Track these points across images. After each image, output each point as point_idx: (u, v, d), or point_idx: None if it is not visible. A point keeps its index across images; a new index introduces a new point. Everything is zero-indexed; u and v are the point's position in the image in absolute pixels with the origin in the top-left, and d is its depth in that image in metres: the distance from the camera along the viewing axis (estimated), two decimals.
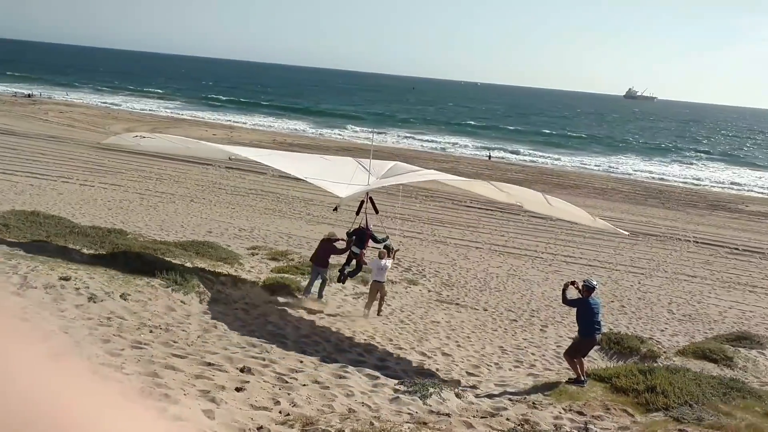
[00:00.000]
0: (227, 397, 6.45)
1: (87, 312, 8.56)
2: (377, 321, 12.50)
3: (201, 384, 6.69)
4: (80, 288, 9.26)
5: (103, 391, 0.42)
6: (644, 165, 60.13)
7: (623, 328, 14.73)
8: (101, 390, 0.41)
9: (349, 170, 12.51)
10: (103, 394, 0.42)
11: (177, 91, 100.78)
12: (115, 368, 6.44)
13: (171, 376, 6.69)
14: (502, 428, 7.13)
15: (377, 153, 49.20)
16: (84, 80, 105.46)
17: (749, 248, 26.63)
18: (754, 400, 8.88)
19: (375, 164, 12.99)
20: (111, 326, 8.20)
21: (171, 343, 8.06)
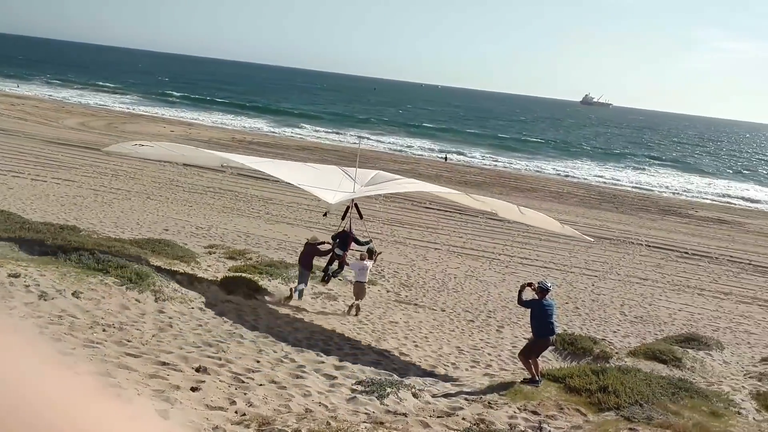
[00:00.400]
0: (182, 397, 6.37)
1: (37, 310, 8.34)
2: (336, 322, 12.49)
3: (156, 384, 6.59)
4: (30, 285, 9.02)
5: (55, 389, 0.41)
6: (599, 170, 61.36)
7: (577, 329, 15.02)
8: (54, 387, 0.40)
9: (336, 178, 13.31)
10: (55, 391, 0.41)
11: (132, 86, 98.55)
12: (66, 367, 6.29)
13: (124, 376, 6.57)
14: (458, 428, 7.19)
15: (337, 152, 49.09)
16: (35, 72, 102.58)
17: (698, 252, 27.42)
18: (701, 400, 9.15)
19: (359, 173, 13.77)
20: (62, 325, 8.00)
21: (125, 342, 7.91)
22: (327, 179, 13.11)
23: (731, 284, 22.66)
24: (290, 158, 41.61)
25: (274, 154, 42.32)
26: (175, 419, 5.72)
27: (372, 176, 14.15)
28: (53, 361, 6.10)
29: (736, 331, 16.91)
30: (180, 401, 6.19)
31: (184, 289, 11.46)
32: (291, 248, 19.87)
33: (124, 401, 5.71)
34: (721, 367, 12.58)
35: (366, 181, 13.70)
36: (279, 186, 30.79)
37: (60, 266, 10.37)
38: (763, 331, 17.23)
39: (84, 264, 10.72)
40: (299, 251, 13.91)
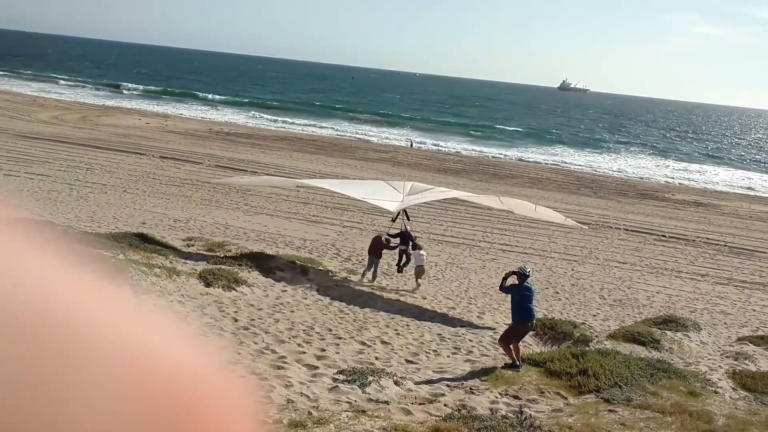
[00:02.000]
0: None
1: None
2: (317, 312, 12.48)
3: None
4: None
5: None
6: (577, 155, 61.79)
7: (557, 313, 15.13)
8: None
9: (387, 190, 16.72)
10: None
11: (103, 78, 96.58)
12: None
13: None
14: (439, 414, 7.22)
15: (314, 142, 48.87)
16: (5, 66, 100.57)
17: (675, 235, 27.75)
18: (679, 380, 9.28)
19: (399, 185, 17.33)
20: None
21: None
22: (382, 192, 16.50)
23: (708, 266, 22.97)
24: (269, 148, 41.42)
25: (253, 145, 42.06)
26: None
27: (410, 187, 17.18)
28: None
29: (713, 312, 17.15)
30: None
31: (162, 282, 11.36)
32: (270, 239, 19.78)
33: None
34: (699, 348, 12.76)
35: (407, 191, 16.80)
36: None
37: None
38: (738, 312, 17.50)
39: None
40: (280, 242, 14.20)
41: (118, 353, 0.30)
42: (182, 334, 0.34)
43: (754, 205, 40.14)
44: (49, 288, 0.30)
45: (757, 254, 25.71)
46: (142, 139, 38.83)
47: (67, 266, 0.33)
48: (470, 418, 6.87)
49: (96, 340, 0.30)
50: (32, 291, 0.29)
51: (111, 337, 0.30)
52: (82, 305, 0.30)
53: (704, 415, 7.66)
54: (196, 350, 0.33)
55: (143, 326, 0.32)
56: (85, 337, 0.29)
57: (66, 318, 0.29)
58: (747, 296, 19.43)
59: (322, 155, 41.68)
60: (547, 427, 6.83)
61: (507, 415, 7.36)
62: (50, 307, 0.29)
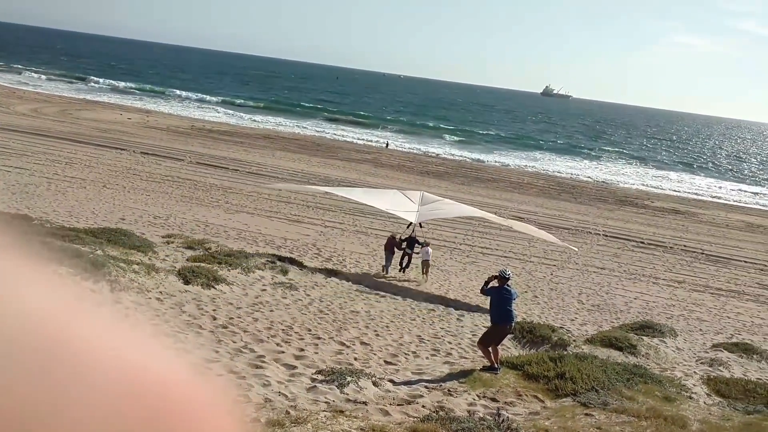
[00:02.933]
0: None
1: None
2: (296, 311, 12.43)
3: None
4: None
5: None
6: (558, 161, 62.25)
7: (536, 317, 15.22)
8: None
9: (404, 200, 19.12)
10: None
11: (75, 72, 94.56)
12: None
13: None
14: (417, 415, 7.23)
15: (297, 141, 48.72)
16: None
17: (653, 242, 28.06)
18: (655, 385, 9.38)
19: (412, 194, 19.67)
20: None
21: None
22: (400, 202, 18.98)
23: (684, 273, 23.25)
24: (252, 146, 41.23)
25: (235, 143, 41.84)
26: None
27: (421, 196, 19.33)
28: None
29: (689, 319, 17.36)
30: None
31: (140, 278, 11.25)
32: (251, 238, 19.69)
33: None
34: (675, 354, 12.90)
35: (419, 200, 18.99)
36: (239, 175, 30.47)
37: None
38: (714, 318, 17.74)
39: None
40: (260, 241, 14.14)
41: (95, 359, 0.30)
42: (160, 340, 0.33)
43: (731, 214, 40.70)
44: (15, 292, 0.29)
45: (733, 262, 26.07)
46: (122, 135, 38.46)
47: (33, 266, 0.32)
48: (448, 419, 6.89)
49: (72, 346, 0.29)
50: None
51: (86, 343, 0.30)
52: (56, 312, 0.30)
53: (679, 420, 7.75)
54: (173, 354, 0.33)
55: (118, 330, 0.32)
56: (63, 344, 0.29)
57: (39, 325, 0.29)
58: (722, 304, 19.70)
59: (304, 154, 41.56)
60: (524, 430, 6.87)
61: (485, 417, 7.39)
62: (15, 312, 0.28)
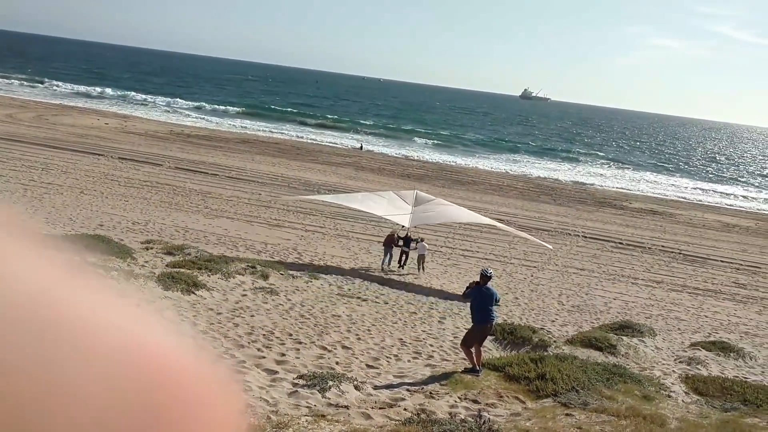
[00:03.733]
0: None
1: None
2: (277, 316, 12.39)
3: None
4: None
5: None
6: (537, 163, 62.68)
7: (516, 318, 15.31)
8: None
9: (398, 202, 20.47)
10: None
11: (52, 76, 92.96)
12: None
13: None
14: (399, 418, 7.23)
15: (277, 145, 48.56)
16: None
17: (632, 242, 28.34)
18: (634, 384, 9.47)
19: (406, 194, 21.27)
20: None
21: None
22: (395, 204, 20.32)
23: (663, 273, 23.51)
24: (231, 150, 41.00)
25: (214, 147, 41.59)
26: None
27: (414, 196, 20.94)
28: None
29: (668, 318, 17.56)
30: None
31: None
32: (231, 243, 19.58)
33: None
34: (653, 353, 13.03)
35: (413, 200, 20.57)
36: (218, 180, 30.30)
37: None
38: (692, 318, 17.96)
39: None
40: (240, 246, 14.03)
41: (104, 344, 0.30)
42: (167, 327, 0.33)
43: (707, 214, 41.25)
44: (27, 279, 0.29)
45: (710, 262, 26.41)
46: (100, 140, 38.06)
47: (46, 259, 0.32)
48: (429, 422, 6.90)
49: (80, 331, 0.29)
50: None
51: (95, 328, 0.30)
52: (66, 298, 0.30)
53: (658, 419, 7.83)
54: (171, 331, 0.33)
55: (127, 317, 0.32)
56: (71, 329, 0.29)
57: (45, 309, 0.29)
58: (700, 303, 19.95)
59: (284, 158, 41.43)
60: (506, 431, 6.90)
61: (466, 419, 7.41)
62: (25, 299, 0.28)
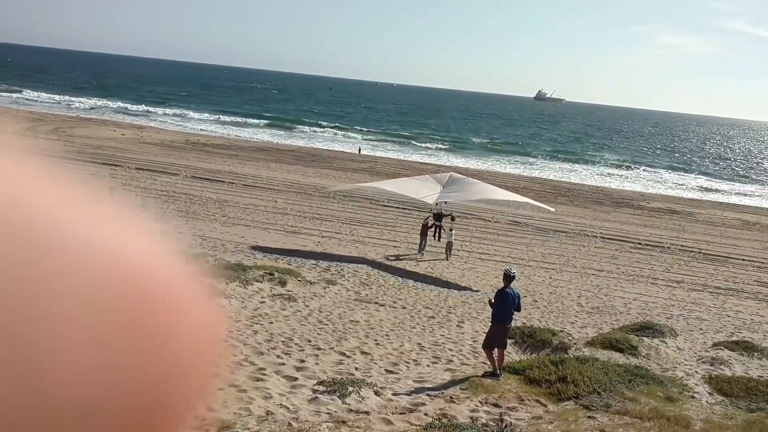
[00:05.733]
0: None
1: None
2: (295, 323, 12.41)
3: None
4: None
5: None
6: (552, 164, 62.41)
7: (536, 321, 15.22)
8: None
9: (430, 182, 22.44)
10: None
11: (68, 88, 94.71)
12: None
13: None
14: (420, 423, 7.21)
15: (292, 152, 48.76)
16: None
17: (651, 242, 28.09)
18: (657, 386, 9.37)
19: (440, 176, 23.28)
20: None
21: None
22: (426, 186, 21.98)
23: (683, 273, 23.26)
24: (246, 158, 41.22)
25: (230, 156, 41.85)
26: None
27: (448, 177, 23.05)
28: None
29: (689, 318, 17.36)
30: None
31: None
32: (248, 250, 19.66)
33: None
34: (675, 354, 12.90)
35: (445, 181, 22.43)
36: (235, 188, 30.47)
37: None
38: (713, 317, 17.74)
39: None
40: (256, 253, 14.00)
41: (88, 247, 0.30)
42: (155, 238, 0.33)
43: (727, 212, 40.79)
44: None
45: (731, 261, 26.10)
46: (117, 151, 38.44)
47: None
48: (451, 426, 6.87)
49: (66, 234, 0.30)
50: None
51: (82, 233, 0.30)
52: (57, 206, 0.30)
53: (682, 420, 7.74)
54: (162, 243, 0.33)
55: (117, 224, 0.32)
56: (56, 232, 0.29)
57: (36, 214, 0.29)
58: (721, 302, 19.71)
59: (299, 165, 41.59)
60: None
61: (487, 423, 7.37)
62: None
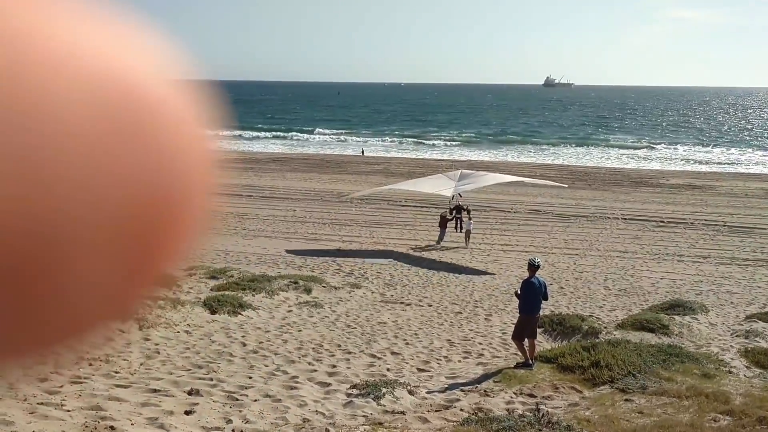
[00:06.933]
0: (176, 421, 6.29)
1: None
2: (324, 329, 12.46)
3: (148, 411, 6.50)
4: None
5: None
6: (567, 149, 62.01)
7: (563, 308, 15.12)
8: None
9: (443, 179, 24.01)
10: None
11: None
12: (55, 406, 6.18)
13: (116, 408, 6.47)
14: (456, 419, 7.20)
15: (306, 161, 48.93)
16: None
17: (673, 220, 27.81)
18: (692, 363, 9.27)
19: (452, 173, 24.73)
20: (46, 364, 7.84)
21: (113, 374, 7.79)
22: (441, 182, 23.68)
23: (708, 247, 23.00)
24: (262, 170, 41.47)
25: (245, 168, 42.08)
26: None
27: (459, 174, 24.42)
28: (38, 402, 5.97)
29: (719, 293, 17.14)
30: (175, 426, 6.12)
31: (167, 313, 11.33)
32: (271, 261, 19.76)
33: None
34: (708, 330, 12.75)
35: (458, 177, 23.71)
36: (253, 200, 30.65)
37: None
38: (744, 290, 17.51)
39: None
40: (281, 263, 14.21)
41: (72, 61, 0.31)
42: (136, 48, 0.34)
43: (749, 183, 40.27)
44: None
45: (757, 231, 25.76)
46: None
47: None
48: (488, 420, 6.86)
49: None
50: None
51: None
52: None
53: (721, 396, 7.65)
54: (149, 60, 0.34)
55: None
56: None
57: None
58: (751, 274, 19.46)
59: (315, 172, 41.76)
60: (565, 422, 6.82)
61: (524, 413, 7.35)
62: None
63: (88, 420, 5.87)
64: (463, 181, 23.43)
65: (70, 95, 0.29)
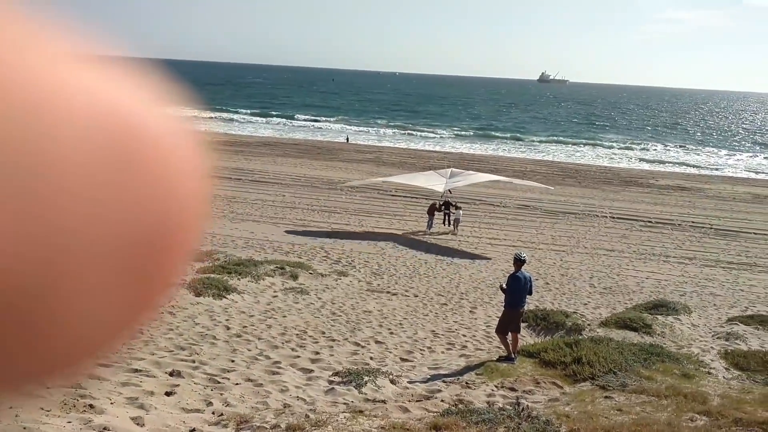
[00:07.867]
0: (157, 402, 6.27)
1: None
2: (309, 315, 12.46)
3: (128, 391, 6.47)
4: None
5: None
6: (559, 147, 62.11)
7: (548, 304, 15.19)
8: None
9: (435, 176, 24.59)
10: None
11: None
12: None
13: (96, 386, 6.43)
14: (437, 410, 7.22)
15: (296, 146, 48.78)
16: None
17: (661, 220, 27.97)
18: (673, 363, 9.35)
19: (443, 171, 25.36)
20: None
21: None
22: (433, 178, 24.34)
23: (694, 249, 23.17)
24: (252, 154, 41.28)
25: (235, 152, 41.88)
26: (151, 425, 5.62)
27: (450, 171, 25.14)
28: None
29: (702, 294, 17.29)
30: (155, 407, 6.09)
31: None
32: (258, 245, 19.71)
33: (96, 412, 5.60)
34: (690, 330, 12.86)
35: (448, 174, 24.42)
36: (242, 184, 30.52)
37: None
38: (727, 292, 17.66)
39: None
40: (268, 248, 14.14)
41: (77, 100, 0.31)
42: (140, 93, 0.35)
43: (737, 187, 40.55)
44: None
45: (743, 235, 25.97)
46: None
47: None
48: (468, 412, 6.88)
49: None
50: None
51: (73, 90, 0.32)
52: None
53: (699, 396, 7.72)
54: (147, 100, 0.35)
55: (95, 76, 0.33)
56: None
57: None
58: (735, 277, 19.63)
59: (306, 159, 41.62)
60: (545, 417, 6.85)
61: (504, 407, 7.37)
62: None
63: (67, 397, 5.83)
64: (454, 178, 24.30)
65: (70, 134, 0.30)
